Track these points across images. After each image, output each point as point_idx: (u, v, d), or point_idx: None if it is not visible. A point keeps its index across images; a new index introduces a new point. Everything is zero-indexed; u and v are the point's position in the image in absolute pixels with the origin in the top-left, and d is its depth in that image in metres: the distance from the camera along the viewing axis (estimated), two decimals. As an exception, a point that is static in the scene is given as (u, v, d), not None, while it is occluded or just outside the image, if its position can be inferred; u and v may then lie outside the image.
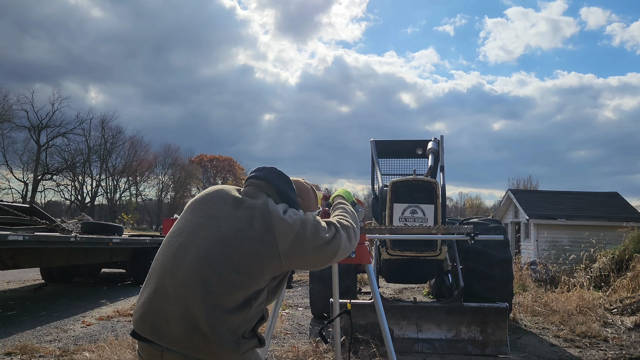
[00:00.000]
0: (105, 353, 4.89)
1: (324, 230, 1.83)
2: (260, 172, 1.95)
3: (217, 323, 1.59)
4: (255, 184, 1.90)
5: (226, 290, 1.62)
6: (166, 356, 1.63)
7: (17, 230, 7.08)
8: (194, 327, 1.58)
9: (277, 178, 1.93)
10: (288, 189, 1.94)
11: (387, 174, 8.47)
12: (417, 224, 5.98)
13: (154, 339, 1.63)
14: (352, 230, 1.94)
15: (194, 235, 1.73)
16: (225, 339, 1.60)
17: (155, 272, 1.73)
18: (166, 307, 1.63)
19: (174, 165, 59.47)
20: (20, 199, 43.54)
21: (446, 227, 3.26)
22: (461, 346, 5.65)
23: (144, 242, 10.84)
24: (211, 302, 1.60)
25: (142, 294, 1.73)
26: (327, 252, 1.82)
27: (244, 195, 1.86)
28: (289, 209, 1.84)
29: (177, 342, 1.60)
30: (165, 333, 1.61)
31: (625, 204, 17.47)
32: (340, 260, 1.95)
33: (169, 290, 1.64)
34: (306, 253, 1.77)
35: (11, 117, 44.47)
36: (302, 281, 12.13)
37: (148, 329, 1.65)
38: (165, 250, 1.76)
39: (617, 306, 8.36)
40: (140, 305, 1.71)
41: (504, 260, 6.96)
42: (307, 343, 5.74)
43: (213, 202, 1.83)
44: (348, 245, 1.90)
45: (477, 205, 66.39)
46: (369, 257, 2.74)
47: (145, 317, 1.66)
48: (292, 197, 1.94)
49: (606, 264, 10.81)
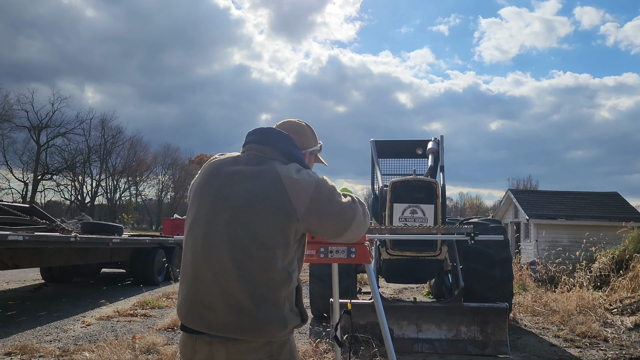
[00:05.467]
0: (105, 353, 4.88)
1: (339, 196, 1.78)
2: (259, 135, 1.86)
3: (262, 300, 1.61)
4: (257, 149, 1.82)
5: (261, 268, 1.63)
6: (214, 343, 1.64)
7: (17, 230, 7.07)
8: (239, 310, 1.61)
9: (279, 139, 1.84)
10: (292, 147, 1.85)
11: (387, 174, 8.47)
12: (417, 224, 5.98)
13: (205, 329, 1.65)
14: (366, 209, 1.88)
15: (213, 222, 1.70)
16: (272, 315, 1.62)
17: (188, 267, 1.73)
18: (208, 297, 1.65)
19: (174, 165, 59.50)
20: (20, 199, 43.55)
21: (446, 227, 3.27)
22: (461, 346, 5.65)
23: (144, 242, 10.84)
24: (252, 283, 1.62)
25: (181, 291, 1.74)
26: (344, 219, 1.76)
27: (246, 163, 1.78)
28: (302, 169, 1.77)
29: (227, 327, 1.62)
30: (214, 322, 1.63)
31: (625, 204, 17.48)
32: (354, 236, 1.85)
33: (207, 281, 1.66)
34: (323, 217, 1.72)
35: (11, 117, 44.51)
36: (302, 281, 12.11)
37: (197, 322, 1.67)
38: (192, 244, 1.74)
39: (617, 306, 8.36)
40: (182, 301, 1.73)
41: (504, 260, 6.95)
42: (307, 343, 5.74)
43: (218, 180, 1.77)
44: (363, 220, 1.83)
45: (477, 205, 66.45)
46: (369, 257, 2.73)
47: (191, 311, 1.68)
48: (299, 155, 1.85)
49: (606, 264, 10.80)
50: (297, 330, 6.60)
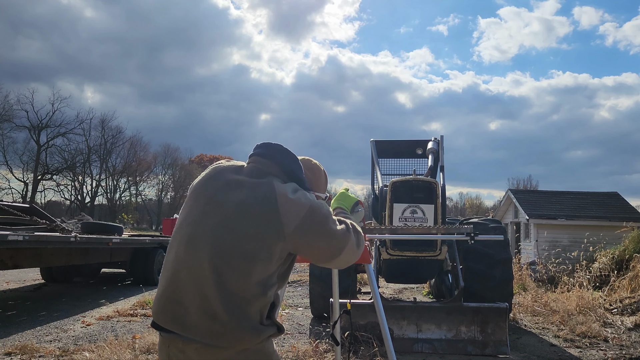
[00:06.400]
0: (105, 353, 4.89)
1: (334, 222, 1.74)
2: (265, 149, 1.84)
3: (235, 310, 1.60)
4: (260, 162, 1.81)
5: (238, 277, 1.62)
6: (187, 346, 1.64)
7: (17, 230, 7.07)
8: (212, 316, 1.59)
9: (283, 156, 1.83)
10: (295, 167, 1.83)
11: (387, 174, 8.47)
12: (417, 224, 5.98)
13: (176, 329, 1.64)
14: (361, 238, 1.83)
15: (201, 224, 1.70)
16: (244, 325, 1.60)
17: (170, 264, 1.73)
18: (184, 298, 1.64)
19: (174, 165, 59.50)
20: (20, 199, 43.56)
21: (446, 227, 3.26)
22: (461, 346, 5.65)
23: (144, 242, 10.84)
24: (227, 291, 1.60)
25: (159, 288, 1.74)
26: (333, 247, 1.73)
27: (247, 174, 1.78)
28: (300, 189, 1.75)
29: (198, 330, 1.61)
30: (186, 323, 1.62)
31: (625, 204, 17.48)
32: (343, 264, 1.82)
33: (185, 281, 1.65)
34: (311, 241, 1.69)
35: (11, 117, 44.53)
36: (302, 281, 12.12)
37: (169, 320, 1.66)
38: (176, 244, 1.75)
39: (617, 306, 8.36)
40: (158, 297, 1.72)
41: (504, 260, 6.95)
42: (307, 343, 5.74)
43: (215, 185, 1.77)
44: (355, 251, 1.79)
45: (477, 205, 66.40)
46: (369, 257, 2.73)
47: (165, 308, 1.68)
48: (300, 176, 1.83)
49: (606, 264, 10.81)
50: (297, 330, 6.62)
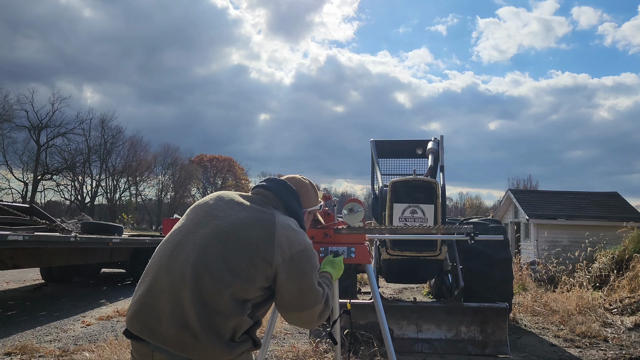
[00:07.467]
0: (105, 353, 4.89)
1: (316, 278, 1.79)
2: (270, 183, 1.94)
3: (207, 323, 1.56)
4: (264, 194, 1.89)
5: (217, 290, 1.59)
6: (157, 356, 1.60)
7: (17, 230, 7.08)
8: (184, 325, 1.56)
9: (287, 193, 1.92)
10: (296, 205, 1.92)
11: (387, 174, 8.46)
12: (417, 224, 5.98)
13: (146, 337, 1.61)
14: (327, 314, 1.85)
15: (193, 233, 1.71)
16: (215, 339, 1.57)
17: (151, 269, 1.72)
18: (159, 304, 1.61)
19: (174, 165, 59.44)
20: (20, 199, 43.52)
21: (446, 227, 3.26)
22: (461, 346, 5.65)
23: (144, 242, 10.85)
24: (202, 300, 1.57)
25: (137, 292, 1.71)
26: (302, 300, 1.73)
27: (251, 201, 1.84)
28: (300, 228, 1.82)
29: (168, 341, 1.57)
30: (157, 332, 1.59)
31: (625, 204, 17.46)
32: (298, 324, 1.82)
33: (163, 287, 1.62)
34: (291, 278, 1.70)
35: (11, 117, 44.47)
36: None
37: (140, 327, 1.63)
38: (163, 248, 1.75)
39: (617, 306, 8.36)
40: (133, 302, 1.69)
41: (504, 260, 6.95)
42: (307, 343, 5.73)
43: (216, 204, 1.82)
44: (315, 318, 1.79)
45: (477, 205, 66.42)
46: (369, 257, 2.73)
47: (138, 315, 1.64)
48: (300, 214, 1.93)
49: (606, 264, 10.80)
50: (297, 330, 6.61)
